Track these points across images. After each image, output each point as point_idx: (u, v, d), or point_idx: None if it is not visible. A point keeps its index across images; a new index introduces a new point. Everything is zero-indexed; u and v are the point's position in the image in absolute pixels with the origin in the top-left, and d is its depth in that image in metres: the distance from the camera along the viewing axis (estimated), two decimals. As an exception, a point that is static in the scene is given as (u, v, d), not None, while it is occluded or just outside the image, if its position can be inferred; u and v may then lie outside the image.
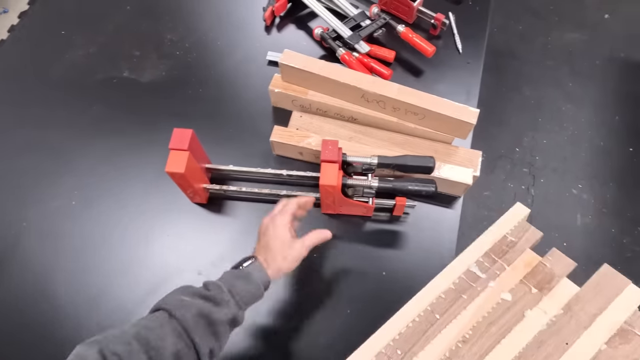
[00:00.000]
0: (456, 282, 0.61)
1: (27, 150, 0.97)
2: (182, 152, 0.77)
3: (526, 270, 0.61)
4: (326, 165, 0.76)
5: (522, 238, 0.64)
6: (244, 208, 0.91)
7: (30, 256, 0.86)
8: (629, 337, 0.55)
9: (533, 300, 0.59)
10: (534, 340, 0.56)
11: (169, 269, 0.85)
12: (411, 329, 0.58)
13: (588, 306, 0.58)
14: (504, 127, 2.11)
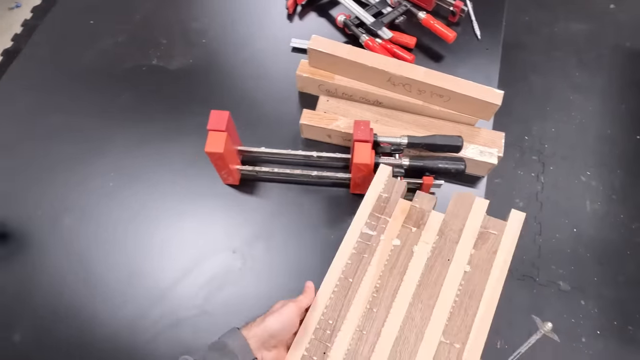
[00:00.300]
0: (356, 246, 0.71)
1: (63, 134, 1.00)
2: (220, 133, 0.80)
3: (404, 216, 0.72)
4: (359, 145, 0.79)
5: (392, 192, 0.75)
6: (274, 189, 0.94)
7: (70, 234, 0.89)
8: (486, 236, 0.69)
9: (415, 237, 0.71)
10: (426, 267, 0.68)
11: (203, 248, 0.88)
12: (334, 299, 0.67)
13: (453, 225, 0.70)
14: (513, 116, 2.14)
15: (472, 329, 0.63)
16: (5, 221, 0.91)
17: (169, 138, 0.99)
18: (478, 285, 0.65)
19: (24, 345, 0.80)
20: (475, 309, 0.64)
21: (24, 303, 0.84)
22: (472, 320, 0.63)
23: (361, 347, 0.64)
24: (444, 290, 0.66)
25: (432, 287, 0.66)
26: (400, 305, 0.66)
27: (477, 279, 0.66)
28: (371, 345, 0.64)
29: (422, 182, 0.87)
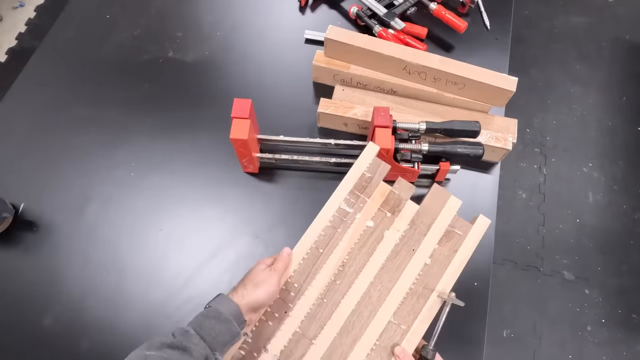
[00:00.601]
0: (331, 219, 0.74)
1: (84, 127, 1.01)
2: (244, 120, 0.82)
3: (382, 199, 0.75)
4: (380, 130, 0.82)
5: (376, 173, 0.77)
6: (293, 177, 0.96)
7: (95, 222, 0.91)
8: (452, 235, 0.72)
9: (388, 222, 0.74)
10: (392, 252, 0.72)
11: (226, 234, 0.90)
12: (302, 265, 0.72)
13: (425, 218, 0.74)
14: (514, 109, 2.14)
15: (419, 315, 0.68)
16: (33, 211, 0.93)
17: (187, 129, 1.01)
18: (433, 278, 0.70)
19: (54, 329, 0.82)
20: (427, 298, 0.69)
21: (54, 288, 0.85)
22: (421, 308, 0.69)
23: (320, 313, 0.70)
24: (404, 276, 0.71)
25: (393, 272, 0.71)
26: (362, 283, 0.71)
27: (434, 273, 0.71)
28: (329, 313, 0.70)
29: (438, 167, 0.90)
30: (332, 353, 0.67)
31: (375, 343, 0.68)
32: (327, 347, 0.68)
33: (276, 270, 0.69)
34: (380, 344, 0.68)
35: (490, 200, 0.93)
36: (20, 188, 0.95)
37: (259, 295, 0.65)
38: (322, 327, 0.69)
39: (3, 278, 0.87)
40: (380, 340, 0.68)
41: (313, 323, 0.69)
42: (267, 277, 0.67)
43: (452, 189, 0.94)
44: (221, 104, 1.03)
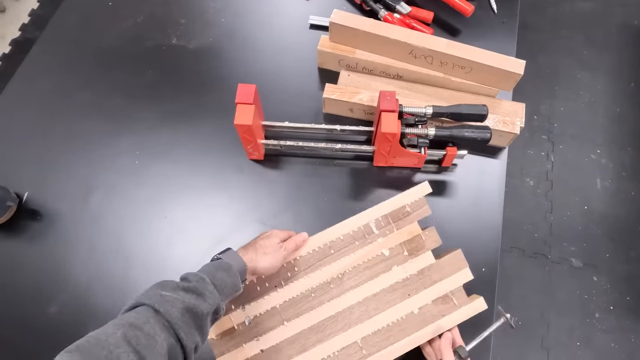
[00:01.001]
0: (355, 230, 0.77)
1: (88, 114, 1.01)
2: (248, 106, 0.81)
3: (407, 237, 0.77)
4: (386, 115, 0.80)
5: (415, 212, 0.79)
6: (298, 164, 0.95)
7: (100, 211, 0.91)
8: (447, 300, 0.74)
9: (402, 260, 0.76)
10: (390, 287, 0.74)
11: (232, 221, 0.90)
12: (311, 255, 0.76)
13: (434, 275, 0.75)
14: (521, 95, 2.12)
15: (381, 350, 0.72)
16: (36, 199, 0.92)
17: (191, 116, 1.00)
18: (411, 328, 0.73)
19: (59, 318, 0.82)
20: (395, 341, 0.72)
21: (59, 277, 0.85)
22: (386, 345, 0.72)
23: (303, 303, 0.74)
24: (388, 312, 0.74)
25: (382, 304, 0.74)
26: (351, 298, 0.74)
27: (414, 324, 0.73)
28: (310, 307, 0.73)
29: (445, 153, 0.89)
30: (295, 340, 0.72)
31: (334, 352, 0.72)
32: (294, 333, 0.72)
33: (286, 249, 0.72)
34: (337, 355, 0.72)
35: (498, 186, 0.92)
36: (23, 177, 0.94)
37: (264, 265, 0.68)
38: (299, 315, 0.73)
39: (8, 267, 0.87)
40: (340, 352, 0.72)
41: (292, 308, 0.73)
42: (276, 252, 0.70)
43: (459, 174, 0.93)
44: (225, 91, 1.02)
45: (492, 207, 0.90)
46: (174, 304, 0.53)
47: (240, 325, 0.72)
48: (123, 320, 0.50)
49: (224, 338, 0.72)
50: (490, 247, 0.87)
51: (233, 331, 0.72)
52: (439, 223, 0.87)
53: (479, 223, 0.89)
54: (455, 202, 0.91)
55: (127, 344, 0.46)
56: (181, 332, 0.52)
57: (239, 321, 0.72)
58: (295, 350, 0.71)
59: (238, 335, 0.72)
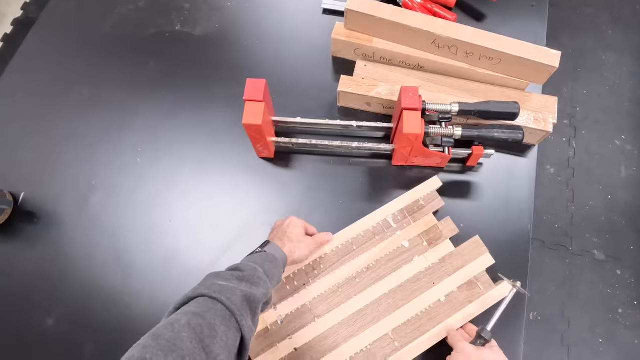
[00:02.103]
0: (374, 226, 0.79)
1: (88, 107, 0.95)
2: (258, 103, 0.75)
3: (425, 228, 0.79)
4: (408, 113, 0.73)
5: (429, 204, 0.81)
6: (311, 162, 0.89)
7: (100, 213, 0.86)
8: (472, 286, 0.75)
9: (422, 250, 0.77)
10: (414, 276, 0.76)
11: (240, 224, 0.84)
12: (334, 252, 0.78)
13: (455, 261, 0.76)
14: (544, 78, 2.04)
15: (414, 341, 0.72)
16: (32, 200, 0.87)
17: (197, 109, 0.94)
18: (440, 316, 0.73)
19: (56, 330, 0.78)
20: (426, 330, 0.72)
21: (57, 285, 0.81)
22: (418, 335, 0.72)
23: (332, 298, 0.75)
24: (415, 302, 0.74)
25: (408, 294, 0.75)
26: (377, 290, 0.75)
27: (443, 311, 0.73)
28: (339, 302, 0.74)
29: (470, 152, 0.82)
30: (327, 336, 0.72)
31: (366, 346, 0.72)
32: (326, 329, 0.73)
33: (315, 241, 0.74)
34: (370, 349, 0.71)
35: (527, 187, 0.85)
36: (19, 176, 0.89)
37: (300, 255, 0.70)
38: (329, 311, 0.74)
39: (5, 271, 0.82)
40: (372, 345, 0.72)
41: (322, 304, 0.74)
42: (306, 240, 0.72)
43: (485, 174, 0.86)
44: (233, 82, 0.95)
45: (521, 210, 0.84)
46: (234, 292, 0.53)
47: (273, 325, 0.73)
48: (185, 309, 0.50)
49: (258, 339, 0.72)
50: (518, 256, 0.80)
51: (267, 331, 0.73)
52: (464, 228, 0.81)
53: (506, 227, 0.82)
54: (480, 205, 0.84)
55: (191, 330, 0.46)
56: (242, 320, 0.52)
57: (271, 321, 0.73)
58: (328, 347, 0.72)
59: (271, 335, 0.73)
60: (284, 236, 0.71)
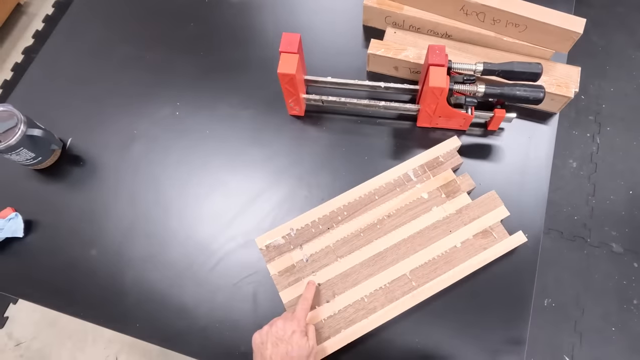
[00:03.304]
0: (395, 179, 0.84)
1: (132, 63, 1.01)
2: (292, 55, 0.79)
3: (443, 182, 0.83)
4: (434, 69, 0.77)
5: (448, 161, 0.85)
6: (338, 121, 0.93)
7: (141, 160, 0.92)
8: (487, 235, 0.79)
9: (440, 202, 0.82)
10: (432, 225, 0.80)
11: (269, 176, 0.89)
12: (358, 201, 0.82)
13: (472, 212, 0.80)
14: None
15: (430, 282, 0.76)
16: (80, 146, 0.94)
17: (231, 69, 0.99)
18: (456, 260, 0.77)
19: (100, 260, 0.84)
20: (441, 272, 0.77)
21: (100, 222, 0.87)
22: (434, 277, 0.77)
23: (354, 241, 0.80)
24: (433, 246, 0.79)
25: (426, 239, 0.79)
26: (397, 235, 0.80)
27: (459, 256, 0.78)
28: (360, 245, 0.79)
29: (492, 115, 0.85)
30: (349, 275, 0.78)
31: (385, 284, 0.77)
32: (347, 268, 0.78)
33: (306, 333, 0.66)
34: (388, 287, 0.77)
35: (546, 154, 0.88)
36: (67, 123, 0.96)
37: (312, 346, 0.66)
38: (351, 252, 0.79)
39: (52, 209, 0.89)
40: (390, 284, 0.77)
41: (345, 246, 0.79)
42: (304, 344, 0.64)
43: (506, 139, 0.90)
44: (266, 45, 1.01)
45: (539, 176, 0.87)
46: None
47: (298, 262, 0.79)
48: None
49: (284, 274, 0.78)
50: (533, 218, 0.83)
51: (292, 268, 0.78)
52: (481, 186, 0.85)
53: (523, 191, 0.85)
54: (500, 168, 0.87)
55: None
56: None
57: (297, 259, 0.79)
58: (350, 283, 0.77)
59: (297, 271, 0.78)
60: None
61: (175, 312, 0.80)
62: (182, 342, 0.78)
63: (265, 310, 0.78)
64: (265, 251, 0.80)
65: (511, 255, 0.79)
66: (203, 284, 0.81)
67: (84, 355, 1.66)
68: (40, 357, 1.67)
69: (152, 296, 0.81)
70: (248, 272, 0.81)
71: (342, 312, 0.75)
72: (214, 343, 0.77)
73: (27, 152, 0.84)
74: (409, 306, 0.75)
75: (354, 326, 0.74)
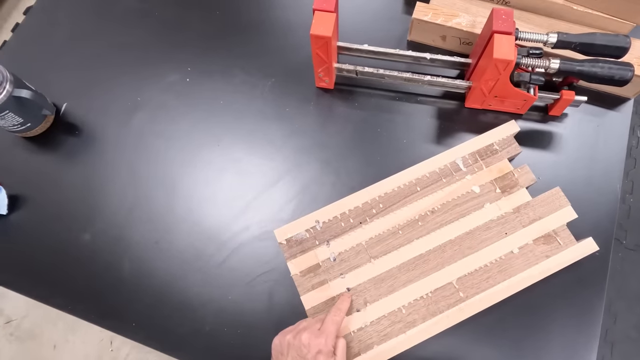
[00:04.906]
0: (441, 167, 0.72)
1: (137, 20, 0.88)
2: (329, 14, 0.66)
3: (498, 174, 0.71)
4: (500, 37, 0.64)
5: (504, 149, 0.72)
6: (373, 98, 0.80)
7: (145, 131, 0.79)
8: (551, 240, 0.67)
9: (494, 198, 0.70)
10: (484, 225, 0.68)
11: (290, 157, 0.77)
12: (396, 192, 0.70)
13: (532, 212, 0.68)
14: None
15: (481, 293, 0.64)
16: (76, 113, 0.82)
17: (251, 33, 0.86)
18: (513, 269, 0.65)
19: (95, 245, 0.72)
20: (495, 283, 0.65)
21: (97, 200, 0.75)
22: (486, 287, 0.65)
23: (390, 240, 0.68)
24: (485, 251, 0.67)
25: (477, 242, 0.67)
26: (442, 235, 0.68)
27: (516, 264, 0.66)
28: (398, 245, 0.67)
29: (559, 97, 0.72)
30: (384, 279, 0.66)
31: (427, 293, 0.65)
32: (382, 272, 0.66)
33: (334, 353, 0.56)
34: (431, 297, 0.65)
35: (618, 145, 0.76)
36: (62, 86, 0.83)
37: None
38: (386, 253, 0.67)
39: (42, 184, 0.77)
40: (434, 294, 0.65)
41: (380, 245, 0.68)
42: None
43: (570, 126, 0.77)
44: (293, 4, 0.88)
45: (609, 171, 0.74)
46: None
47: (325, 262, 0.67)
48: None
49: (307, 275, 0.67)
50: (603, 221, 0.71)
51: (317, 268, 0.67)
52: (542, 180, 0.72)
53: (591, 187, 0.73)
54: (563, 160, 0.75)
55: None
56: None
57: (324, 257, 0.67)
58: (385, 290, 0.65)
59: (323, 272, 0.67)
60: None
61: (178, 311, 0.68)
62: (184, 347, 0.67)
63: (282, 316, 0.67)
64: (285, 246, 0.68)
65: (576, 266, 0.66)
66: (211, 280, 0.69)
67: (75, 337, 1.56)
68: (31, 337, 1.57)
69: (152, 291, 0.69)
70: (263, 269, 0.69)
71: (374, 325, 0.63)
72: (221, 351, 0.66)
73: (13, 116, 0.72)
74: (455, 322, 0.63)
75: (388, 342, 0.62)
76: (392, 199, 0.70)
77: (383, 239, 0.68)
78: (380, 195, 0.70)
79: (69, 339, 1.56)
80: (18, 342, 1.56)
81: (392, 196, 0.70)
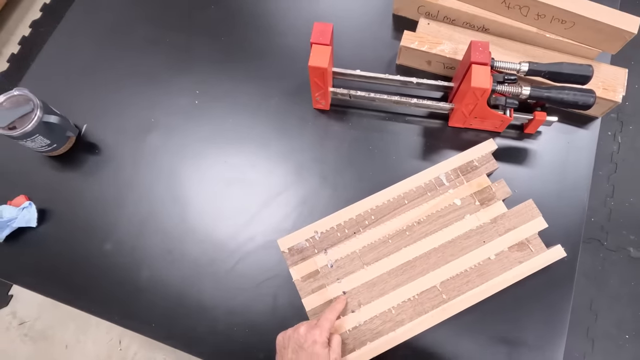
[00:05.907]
0: (426, 182, 0.79)
1: (150, 47, 0.96)
2: (324, 47, 0.74)
3: (477, 188, 0.79)
4: (477, 68, 0.72)
5: (483, 165, 0.80)
6: (365, 117, 0.88)
7: (159, 150, 0.87)
8: (524, 248, 0.74)
9: (474, 210, 0.77)
10: (464, 234, 0.76)
11: (291, 172, 0.85)
12: (386, 205, 0.78)
13: (507, 223, 0.76)
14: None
15: (461, 295, 0.72)
16: (96, 134, 0.89)
17: (254, 58, 0.94)
18: (489, 273, 0.73)
19: (114, 254, 0.80)
20: (474, 286, 0.72)
21: (115, 213, 0.83)
22: (465, 290, 0.72)
23: (381, 248, 0.75)
24: (465, 257, 0.74)
25: (458, 249, 0.75)
26: (427, 244, 0.75)
27: (492, 269, 0.73)
28: (388, 252, 0.75)
29: (532, 117, 0.80)
30: (376, 284, 0.73)
31: (414, 296, 0.72)
32: (374, 277, 0.74)
33: (328, 344, 0.64)
34: (417, 299, 0.72)
35: (586, 161, 0.84)
36: (82, 109, 0.91)
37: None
38: (378, 260, 0.75)
39: (67, 198, 0.85)
40: (419, 296, 0.72)
41: (372, 253, 0.75)
42: (324, 356, 0.62)
43: (543, 143, 0.85)
44: (290, 32, 0.96)
45: (578, 184, 0.82)
46: None
47: (323, 268, 0.75)
48: None
49: (307, 280, 0.74)
50: (571, 230, 0.79)
51: (316, 273, 0.75)
52: (517, 193, 0.80)
53: (561, 200, 0.81)
54: (536, 173, 0.83)
55: None
56: None
57: (322, 264, 0.75)
58: (376, 293, 0.73)
59: (321, 277, 0.74)
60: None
61: (193, 312, 0.76)
62: (199, 345, 0.75)
63: (285, 317, 0.75)
64: (287, 254, 0.76)
65: (546, 270, 0.74)
66: (222, 285, 0.77)
67: (86, 337, 1.64)
68: (44, 337, 1.65)
69: (168, 295, 0.77)
70: (268, 275, 0.77)
71: (367, 324, 0.71)
72: (231, 348, 0.74)
73: (42, 139, 0.80)
74: (438, 320, 0.71)
75: (380, 339, 0.70)
76: (383, 211, 0.78)
77: (375, 247, 0.76)
78: (372, 208, 0.78)
79: (80, 339, 1.64)
80: (31, 343, 1.64)
81: (383, 209, 0.78)
